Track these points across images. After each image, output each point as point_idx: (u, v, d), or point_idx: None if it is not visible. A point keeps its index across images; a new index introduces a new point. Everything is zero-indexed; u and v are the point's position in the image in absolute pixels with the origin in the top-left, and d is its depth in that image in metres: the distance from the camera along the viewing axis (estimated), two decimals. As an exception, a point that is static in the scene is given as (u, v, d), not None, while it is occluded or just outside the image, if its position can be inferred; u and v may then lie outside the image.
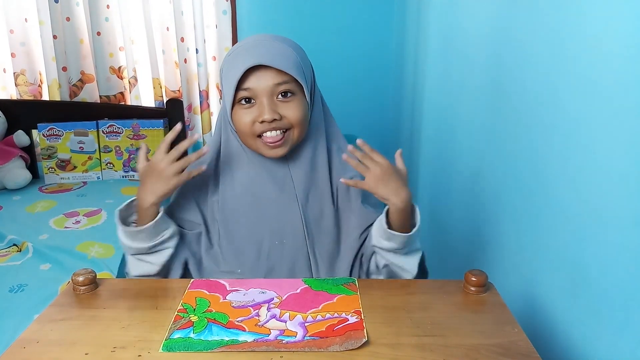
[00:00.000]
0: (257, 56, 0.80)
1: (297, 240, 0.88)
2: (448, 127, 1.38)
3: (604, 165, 0.68)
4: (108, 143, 2.06)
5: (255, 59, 0.80)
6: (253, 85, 0.81)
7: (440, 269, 1.43)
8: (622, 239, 0.65)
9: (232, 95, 0.82)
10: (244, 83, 0.81)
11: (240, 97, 0.83)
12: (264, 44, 0.83)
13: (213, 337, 0.64)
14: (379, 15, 2.18)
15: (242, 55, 0.82)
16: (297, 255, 0.88)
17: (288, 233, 0.88)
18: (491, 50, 1.06)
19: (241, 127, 0.84)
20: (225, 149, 0.91)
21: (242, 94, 0.82)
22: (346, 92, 2.26)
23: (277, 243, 0.88)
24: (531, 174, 0.89)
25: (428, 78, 1.58)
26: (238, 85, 0.81)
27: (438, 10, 1.47)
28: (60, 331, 0.66)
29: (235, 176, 0.90)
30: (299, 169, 0.89)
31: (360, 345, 0.62)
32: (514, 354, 0.62)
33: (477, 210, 1.16)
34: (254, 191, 0.89)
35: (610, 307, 0.67)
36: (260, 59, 0.80)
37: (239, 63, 0.81)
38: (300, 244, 0.88)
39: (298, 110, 0.83)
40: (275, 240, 0.88)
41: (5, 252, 1.44)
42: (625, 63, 0.63)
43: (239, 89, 0.81)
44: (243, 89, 0.82)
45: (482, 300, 0.74)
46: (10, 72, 2.15)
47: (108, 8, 2.15)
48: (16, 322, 1.11)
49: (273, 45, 0.83)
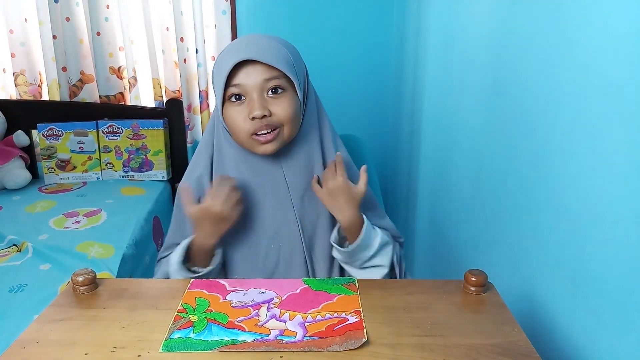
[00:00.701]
0: (246, 52, 0.80)
1: (293, 243, 0.88)
2: (448, 127, 1.38)
3: (604, 165, 0.68)
4: (108, 143, 2.06)
5: (244, 54, 0.80)
6: (242, 81, 0.81)
7: (440, 269, 1.43)
8: (622, 239, 0.65)
9: (222, 92, 0.82)
10: (233, 79, 0.81)
11: (230, 94, 0.82)
12: (253, 41, 0.84)
13: (213, 337, 0.64)
14: (378, 16, 2.18)
15: (231, 53, 0.82)
16: (294, 258, 0.88)
17: (284, 236, 0.88)
18: (491, 50, 1.06)
19: (232, 124, 0.83)
20: (218, 150, 0.90)
21: (232, 91, 0.82)
22: (346, 92, 2.26)
23: (273, 247, 0.88)
24: (531, 173, 0.89)
25: (428, 78, 1.58)
26: (228, 82, 0.81)
27: (438, 10, 1.47)
28: (60, 331, 0.66)
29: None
30: (292, 168, 0.89)
31: (360, 345, 0.62)
32: (513, 353, 0.62)
33: (477, 210, 1.16)
34: (248, 196, 0.88)
35: (610, 307, 0.67)
36: (249, 54, 0.80)
37: (228, 60, 0.81)
38: (296, 246, 0.88)
39: (288, 106, 0.82)
40: (272, 244, 0.88)
41: (5, 252, 1.43)
42: (626, 62, 0.63)
43: (229, 85, 0.81)
44: (232, 85, 0.81)
45: (482, 300, 0.74)
46: (10, 72, 2.15)
47: (108, 8, 2.15)
48: (16, 322, 1.11)
49: (262, 41, 0.83)
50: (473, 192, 1.19)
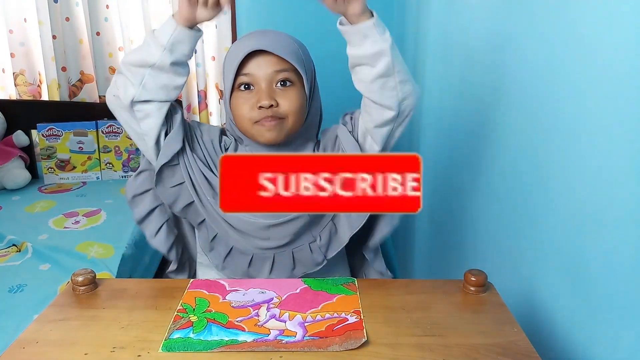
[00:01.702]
0: (259, 42, 0.82)
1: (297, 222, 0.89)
2: (447, 127, 1.38)
3: (604, 165, 0.68)
4: (107, 143, 2.06)
5: (257, 44, 0.82)
6: (253, 71, 0.83)
7: (439, 268, 1.43)
8: (622, 239, 0.65)
9: (231, 80, 0.83)
10: (244, 68, 0.83)
11: (239, 83, 0.84)
12: (266, 33, 0.87)
13: (212, 337, 0.64)
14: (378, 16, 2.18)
15: (244, 43, 0.84)
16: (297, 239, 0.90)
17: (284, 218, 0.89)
18: (491, 50, 1.06)
19: (238, 112, 0.85)
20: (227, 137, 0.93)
21: (242, 79, 0.83)
22: (345, 93, 2.25)
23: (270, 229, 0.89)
24: (531, 173, 0.89)
25: (427, 78, 1.58)
26: (238, 71, 0.83)
27: (437, 10, 1.48)
28: (60, 331, 0.66)
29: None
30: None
31: (359, 345, 0.62)
32: (513, 353, 0.62)
33: (476, 210, 1.16)
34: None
35: (610, 307, 0.67)
36: (262, 45, 0.82)
37: (241, 49, 0.83)
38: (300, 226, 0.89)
39: (295, 99, 0.84)
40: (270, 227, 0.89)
41: (5, 253, 1.43)
42: (625, 62, 0.63)
43: (239, 74, 0.83)
44: (243, 74, 0.83)
45: (482, 300, 0.74)
46: (9, 72, 2.15)
47: (107, 8, 2.15)
48: (15, 322, 1.11)
49: (275, 35, 0.86)
50: (473, 192, 1.19)
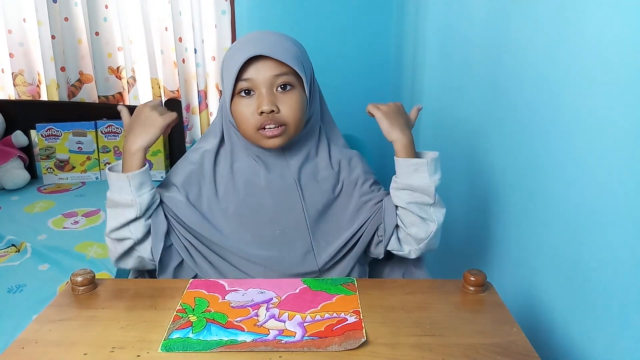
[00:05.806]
0: (258, 47, 0.81)
1: (299, 229, 0.88)
2: (447, 127, 1.38)
3: (603, 165, 0.68)
4: (107, 143, 2.06)
5: (256, 50, 0.81)
6: (253, 76, 0.82)
7: (439, 268, 1.43)
8: (621, 239, 0.65)
9: (232, 86, 0.83)
10: (244, 74, 0.82)
11: (240, 89, 0.83)
12: (264, 36, 0.85)
13: (212, 337, 0.64)
14: (377, 16, 2.18)
15: (243, 47, 0.83)
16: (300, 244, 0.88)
17: (289, 222, 0.88)
18: (490, 49, 1.06)
19: (240, 118, 0.84)
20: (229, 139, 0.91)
21: (242, 85, 0.83)
22: (345, 93, 2.26)
23: (278, 232, 0.88)
24: (530, 173, 0.89)
25: (426, 78, 1.58)
26: (238, 76, 0.82)
27: (436, 11, 1.48)
28: (59, 331, 0.66)
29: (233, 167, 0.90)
30: (296, 160, 0.90)
31: (359, 345, 0.62)
32: (512, 353, 0.62)
33: (476, 210, 1.16)
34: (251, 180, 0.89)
35: (609, 307, 0.67)
36: (261, 50, 0.81)
37: (240, 54, 0.82)
38: (302, 232, 0.88)
39: (296, 104, 0.84)
40: (277, 230, 0.88)
41: (4, 253, 1.43)
42: (624, 62, 0.63)
43: (239, 79, 0.82)
44: (243, 80, 0.83)
45: (481, 299, 0.74)
46: (8, 72, 2.15)
47: (106, 8, 2.14)
48: (15, 322, 1.11)
49: (273, 38, 0.85)
50: (472, 192, 1.19)
